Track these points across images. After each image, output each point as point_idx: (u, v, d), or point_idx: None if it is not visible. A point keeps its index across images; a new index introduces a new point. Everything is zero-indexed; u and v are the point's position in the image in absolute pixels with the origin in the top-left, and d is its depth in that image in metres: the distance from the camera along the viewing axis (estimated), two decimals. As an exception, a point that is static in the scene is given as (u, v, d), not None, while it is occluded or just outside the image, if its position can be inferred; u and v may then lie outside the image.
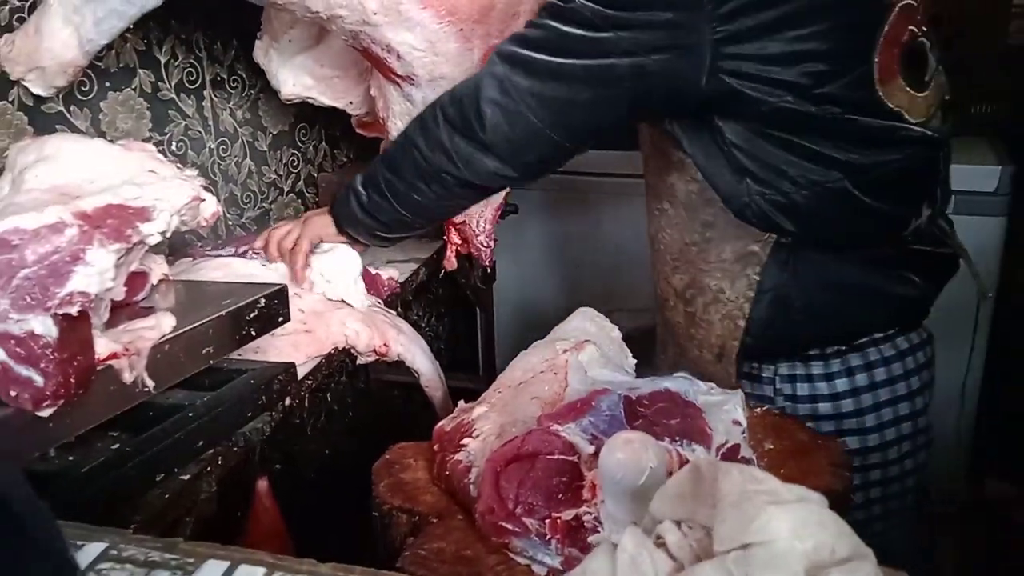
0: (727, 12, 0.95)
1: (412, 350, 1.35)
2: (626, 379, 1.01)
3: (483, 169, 1.09)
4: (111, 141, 0.98)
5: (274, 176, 1.87)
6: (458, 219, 1.31)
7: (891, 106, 1.03)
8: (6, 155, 0.97)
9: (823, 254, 1.12)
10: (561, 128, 1.05)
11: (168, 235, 0.92)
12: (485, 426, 0.95)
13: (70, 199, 0.84)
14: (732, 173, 1.06)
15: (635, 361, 1.12)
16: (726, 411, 0.93)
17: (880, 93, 1.02)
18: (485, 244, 1.31)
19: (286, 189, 1.91)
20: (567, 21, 1.00)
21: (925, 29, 1.08)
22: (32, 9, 1.21)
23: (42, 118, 1.29)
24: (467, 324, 2.42)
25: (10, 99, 1.24)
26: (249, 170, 1.79)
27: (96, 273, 0.80)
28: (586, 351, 1.02)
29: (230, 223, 1.74)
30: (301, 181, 1.96)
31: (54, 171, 0.92)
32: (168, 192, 0.90)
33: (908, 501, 1.23)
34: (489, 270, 1.46)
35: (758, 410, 1.06)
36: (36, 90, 1.19)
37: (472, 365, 2.38)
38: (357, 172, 1.20)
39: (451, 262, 1.40)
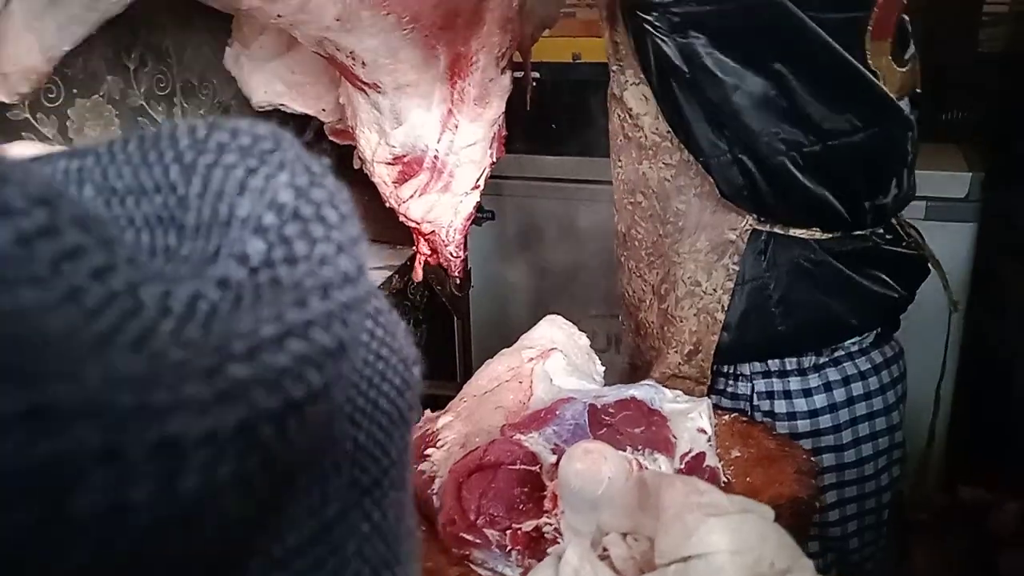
0: None
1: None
2: (592, 387, 1.00)
3: None
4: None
5: (247, 183, 1.85)
6: (427, 229, 1.29)
7: (871, 66, 1.03)
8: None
9: (798, 242, 1.10)
10: None
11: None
12: (449, 436, 0.94)
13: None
14: (707, 124, 1.04)
15: (604, 368, 1.11)
16: (691, 419, 0.92)
17: (868, 47, 1.01)
18: (455, 255, 1.29)
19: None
20: None
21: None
22: (-6, 15, 1.19)
23: (7, 125, 1.27)
24: (444, 331, 2.41)
25: (-27, 106, 1.23)
26: (221, 178, 1.77)
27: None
28: (552, 359, 1.01)
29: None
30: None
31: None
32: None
33: (884, 516, 1.22)
34: (460, 280, 1.45)
35: (726, 417, 1.05)
36: (-1, 97, 1.17)
37: (450, 372, 2.37)
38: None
39: (417, 274, 1.38)
